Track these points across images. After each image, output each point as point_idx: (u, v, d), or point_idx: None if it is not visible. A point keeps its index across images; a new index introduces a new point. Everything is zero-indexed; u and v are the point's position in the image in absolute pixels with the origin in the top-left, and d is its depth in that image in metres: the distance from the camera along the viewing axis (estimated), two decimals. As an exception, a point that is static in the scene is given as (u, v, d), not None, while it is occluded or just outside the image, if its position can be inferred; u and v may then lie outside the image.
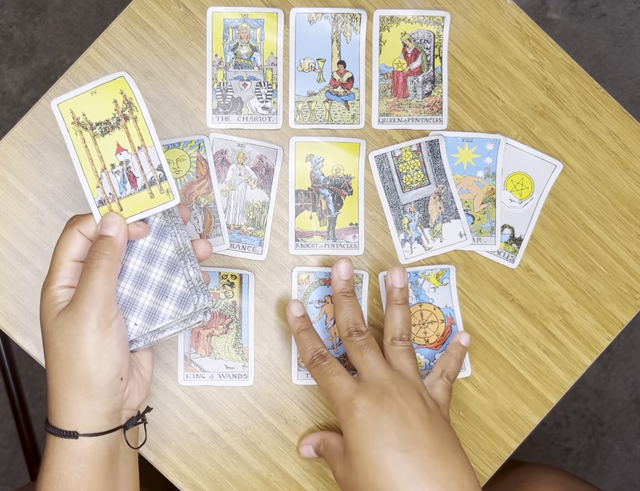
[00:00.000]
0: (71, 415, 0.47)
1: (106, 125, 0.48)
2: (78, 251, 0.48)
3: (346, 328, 0.55)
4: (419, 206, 0.61)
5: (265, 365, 0.60)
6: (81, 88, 0.48)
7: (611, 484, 1.32)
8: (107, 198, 0.48)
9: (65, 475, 0.47)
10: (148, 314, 0.49)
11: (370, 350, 0.54)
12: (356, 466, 0.50)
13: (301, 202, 0.60)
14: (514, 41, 0.61)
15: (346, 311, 0.55)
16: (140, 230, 0.49)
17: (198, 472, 0.59)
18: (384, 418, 0.50)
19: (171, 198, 0.49)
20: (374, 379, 0.52)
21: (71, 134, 0.48)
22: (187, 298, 0.49)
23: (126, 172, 0.48)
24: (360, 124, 0.60)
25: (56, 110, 0.48)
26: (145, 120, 0.48)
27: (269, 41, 0.60)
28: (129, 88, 0.48)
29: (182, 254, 0.50)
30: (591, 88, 0.61)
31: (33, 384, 1.24)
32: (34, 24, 1.26)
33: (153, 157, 0.48)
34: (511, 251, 0.61)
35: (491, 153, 0.61)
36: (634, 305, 0.61)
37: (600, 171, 0.62)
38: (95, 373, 0.46)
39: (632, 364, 1.31)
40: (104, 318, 0.46)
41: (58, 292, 0.48)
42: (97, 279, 0.46)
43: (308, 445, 0.58)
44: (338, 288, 0.56)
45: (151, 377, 0.53)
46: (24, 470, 1.24)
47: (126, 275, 0.50)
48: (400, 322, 0.56)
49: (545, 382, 0.61)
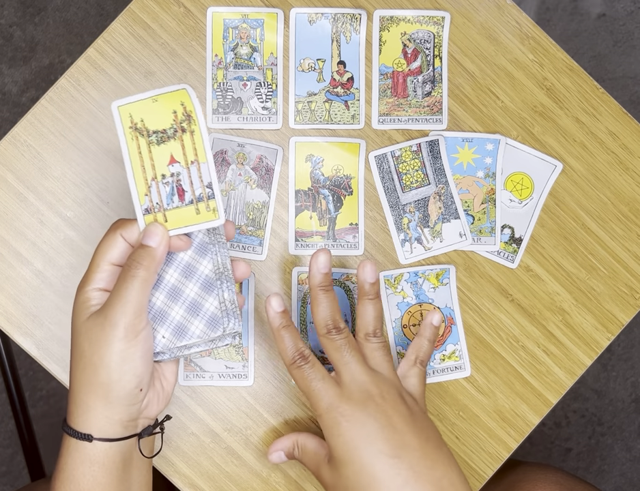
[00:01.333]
0: (87, 418, 0.47)
1: (162, 134, 0.48)
2: (118, 255, 0.48)
3: (325, 325, 0.53)
4: (419, 207, 0.61)
5: (265, 365, 0.60)
6: (143, 94, 0.47)
7: (611, 484, 1.32)
8: (153, 207, 0.48)
9: (77, 476, 0.47)
10: (177, 328, 0.49)
11: (350, 351, 0.52)
12: (346, 475, 0.49)
13: (301, 202, 0.60)
14: (514, 41, 0.61)
15: (325, 307, 0.53)
16: (181, 244, 0.49)
17: (198, 472, 0.59)
18: (371, 425, 0.49)
19: (216, 217, 0.48)
20: (356, 383, 0.51)
21: (127, 138, 0.47)
22: (218, 320, 0.49)
23: (176, 184, 0.48)
24: (360, 124, 0.61)
25: (116, 112, 0.47)
26: (202, 135, 0.48)
27: (269, 42, 0.60)
28: (190, 101, 0.47)
29: (220, 273, 0.49)
30: (591, 88, 0.61)
31: (33, 384, 1.24)
32: (34, 24, 1.26)
33: (205, 173, 0.48)
34: (511, 251, 0.61)
35: (491, 153, 0.61)
36: (634, 305, 0.61)
37: (600, 171, 0.62)
38: (116, 381, 0.46)
39: (632, 364, 1.31)
40: (132, 329, 0.46)
41: (92, 294, 0.48)
42: (131, 288, 0.46)
43: (279, 452, 0.56)
44: (315, 281, 0.53)
45: (172, 389, 0.53)
46: (24, 470, 1.24)
47: (162, 286, 0.49)
48: (373, 317, 0.54)
49: (545, 382, 0.61)
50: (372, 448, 0.49)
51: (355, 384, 0.51)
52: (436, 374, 0.61)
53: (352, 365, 0.51)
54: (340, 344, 0.52)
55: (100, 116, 0.59)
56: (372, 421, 0.49)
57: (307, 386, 0.51)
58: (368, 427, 0.49)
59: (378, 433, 0.49)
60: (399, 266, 0.61)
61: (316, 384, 0.51)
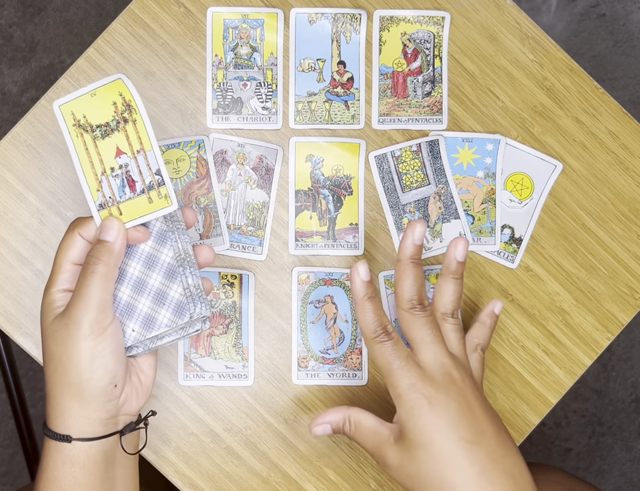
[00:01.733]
0: (65, 419, 0.47)
1: (106, 127, 0.48)
2: (78, 254, 0.48)
3: (409, 299, 0.50)
4: (419, 207, 0.61)
5: (265, 365, 0.60)
6: (81, 89, 0.48)
7: (611, 484, 1.32)
8: (107, 201, 0.48)
9: (59, 478, 0.47)
10: (145, 320, 0.49)
11: (434, 330, 0.50)
12: (420, 458, 0.48)
13: (301, 202, 0.60)
14: (514, 41, 0.61)
15: (412, 281, 0.50)
16: (139, 235, 0.48)
17: (198, 472, 0.59)
18: (454, 409, 0.48)
19: (169, 203, 0.48)
20: (438, 364, 0.49)
21: (73, 136, 0.48)
22: (184, 306, 0.48)
23: (125, 176, 0.48)
24: (360, 124, 0.61)
25: (58, 111, 0.47)
26: (144, 123, 0.48)
27: (269, 42, 0.60)
28: (128, 90, 0.47)
29: (182, 260, 0.49)
30: (591, 88, 0.61)
31: (33, 384, 1.24)
32: (34, 24, 1.26)
33: (152, 161, 0.48)
34: (511, 252, 0.61)
35: (491, 153, 0.61)
36: (634, 305, 0.61)
37: (600, 171, 0.62)
38: (87, 379, 0.46)
39: (632, 364, 1.31)
40: (98, 325, 0.46)
41: (57, 295, 0.48)
42: (91, 285, 0.46)
43: (326, 424, 0.53)
44: (408, 253, 0.51)
45: (152, 382, 0.52)
46: (24, 470, 1.24)
47: (126, 280, 0.49)
48: (456, 298, 0.53)
49: (545, 382, 0.61)
50: (453, 433, 0.47)
51: (437, 365, 0.49)
52: (436, 374, 0.61)
53: (434, 346, 0.50)
54: (424, 322, 0.50)
55: (100, 116, 0.59)
56: (455, 405, 0.48)
57: (388, 363, 0.49)
58: (450, 411, 0.48)
59: (460, 418, 0.48)
60: (399, 266, 0.61)
61: (400, 363, 0.49)
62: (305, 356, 0.60)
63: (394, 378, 0.49)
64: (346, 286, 0.60)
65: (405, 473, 0.49)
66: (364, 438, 0.51)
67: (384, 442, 0.50)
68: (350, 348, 0.60)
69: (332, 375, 0.60)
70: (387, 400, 0.60)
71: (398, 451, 0.49)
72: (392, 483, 0.60)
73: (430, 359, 0.49)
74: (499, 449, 0.48)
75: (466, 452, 0.47)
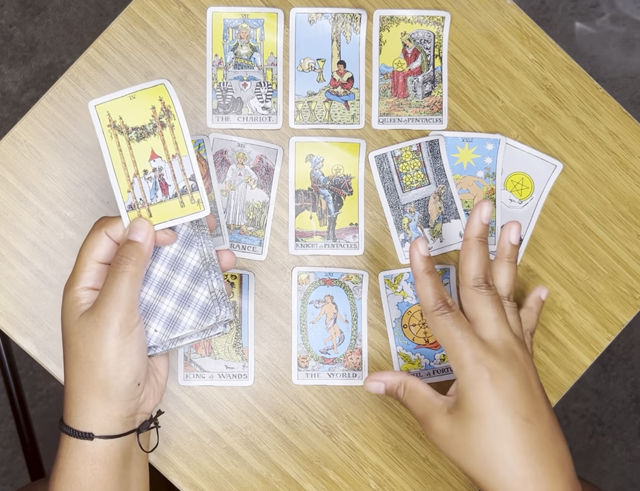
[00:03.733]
0: (87, 417, 0.47)
1: (142, 130, 0.48)
2: (104, 253, 0.48)
3: (475, 277, 0.51)
4: (419, 206, 0.61)
5: (265, 365, 0.60)
6: (120, 91, 0.48)
7: (611, 484, 1.32)
8: (137, 203, 0.48)
9: (79, 475, 0.47)
10: (169, 321, 0.49)
11: (499, 308, 0.50)
12: (473, 428, 0.48)
13: (301, 202, 0.60)
14: (514, 41, 0.61)
15: (479, 259, 0.51)
16: (167, 238, 0.49)
17: (198, 472, 0.59)
18: (515, 385, 0.48)
19: (201, 208, 0.48)
20: (501, 340, 0.50)
21: (106, 137, 0.48)
22: (210, 309, 0.49)
23: (158, 179, 0.48)
24: (360, 124, 0.61)
25: (93, 111, 0.48)
26: (182, 129, 0.48)
27: (269, 41, 0.60)
28: (169, 96, 0.48)
29: (207, 264, 0.50)
30: (591, 88, 0.61)
31: (33, 384, 1.24)
32: (34, 24, 1.26)
33: (187, 166, 0.48)
34: (511, 251, 0.61)
35: (491, 153, 0.61)
36: (634, 305, 0.61)
37: (600, 171, 0.62)
38: (114, 378, 0.46)
39: (632, 364, 1.31)
40: (127, 324, 0.46)
41: (81, 293, 0.48)
42: (122, 284, 0.46)
43: (380, 383, 0.54)
44: (475, 232, 0.52)
45: (165, 382, 0.53)
46: (24, 470, 1.24)
47: (149, 281, 0.50)
48: (511, 281, 0.53)
49: (545, 382, 0.61)
50: (511, 408, 0.48)
51: (500, 341, 0.49)
52: (436, 374, 0.61)
53: (499, 323, 0.50)
54: (489, 300, 0.50)
55: (100, 116, 0.59)
56: (516, 381, 0.48)
57: (451, 334, 0.49)
58: (511, 387, 0.48)
59: (519, 394, 0.48)
60: (399, 266, 0.61)
61: (462, 333, 0.49)
62: (305, 357, 0.60)
63: (457, 349, 0.49)
64: (346, 286, 0.60)
65: (454, 443, 0.49)
66: (415, 404, 0.52)
67: (437, 410, 0.50)
68: (350, 348, 0.60)
69: (332, 375, 0.60)
70: (387, 400, 0.60)
71: (450, 420, 0.49)
72: (392, 483, 0.60)
73: (494, 335, 0.50)
74: (551, 433, 0.48)
75: (520, 429, 0.47)
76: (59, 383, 1.20)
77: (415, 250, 0.52)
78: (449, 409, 0.50)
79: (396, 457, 0.60)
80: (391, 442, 0.60)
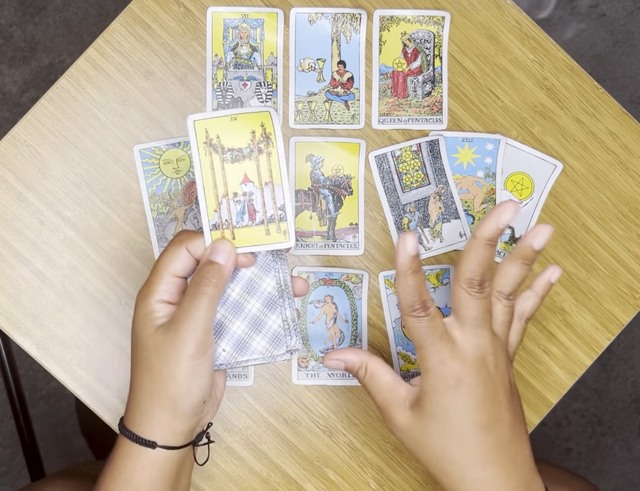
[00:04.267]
0: (152, 427, 0.48)
1: (238, 153, 0.48)
2: (182, 268, 0.48)
3: (470, 278, 0.49)
4: (419, 206, 0.61)
5: (265, 365, 0.60)
6: (222, 111, 0.47)
7: (611, 484, 1.32)
8: (222, 223, 0.48)
9: (137, 479, 0.48)
10: (238, 343, 0.49)
11: (484, 314, 0.49)
12: (431, 429, 0.48)
13: (301, 202, 0.60)
14: (514, 41, 0.61)
15: (482, 261, 0.48)
16: (246, 261, 0.49)
17: (198, 472, 0.59)
18: (478, 394, 0.48)
19: (287, 239, 0.48)
20: (476, 346, 0.48)
21: (201, 153, 0.47)
22: (281, 338, 0.49)
23: (247, 203, 0.48)
24: (360, 124, 0.61)
25: (191, 126, 0.47)
26: (279, 158, 0.48)
27: (269, 41, 0.60)
28: (272, 124, 0.47)
29: (282, 291, 0.49)
30: (591, 88, 0.61)
31: (33, 384, 1.24)
32: (34, 24, 1.26)
33: (279, 195, 0.48)
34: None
35: (491, 153, 0.61)
36: (634, 305, 0.61)
37: (600, 171, 0.62)
38: (184, 396, 0.47)
39: (632, 364, 1.31)
40: (202, 346, 0.46)
41: (157, 306, 0.47)
42: (201, 305, 0.46)
43: (340, 361, 0.52)
44: (487, 234, 0.49)
45: (222, 395, 0.53)
46: (24, 470, 1.24)
47: (222, 299, 0.49)
48: (518, 282, 0.50)
49: (545, 382, 0.61)
50: (470, 416, 0.48)
51: (473, 347, 0.49)
52: (436, 374, 0.61)
53: (479, 330, 0.49)
54: (477, 304, 0.48)
55: (100, 116, 0.59)
56: (480, 390, 0.48)
57: (421, 338, 0.49)
58: (473, 395, 0.48)
59: (481, 403, 0.48)
60: (399, 266, 0.61)
61: (433, 340, 0.48)
62: (305, 357, 0.60)
63: (425, 353, 0.49)
64: (346, 286, 0.60)
65: (413, 438, 0.49)
66: (376, 390, 0.51)
67: (398, 403, 0.50)
68: (350, 348, 0.60)
69: (332, 375, 0.60)
70: (387, 400, 0.60)
71: (410, 416, 0.49)
72: (392, 483, 0.60)
73: (468, 340, 0.49)
74: (509, 434, 0.49)
75: (476, 435, 0.48)
76: (59, 383, 1.20)
77: (402, 247, 0.48)
78: (411, 404, 0.49)
79: (396, 457, 0.60)
80: (391, 442, 0.60)
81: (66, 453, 1.24)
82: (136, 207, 0.59)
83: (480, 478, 0.48)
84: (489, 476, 0.48)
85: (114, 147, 0.59)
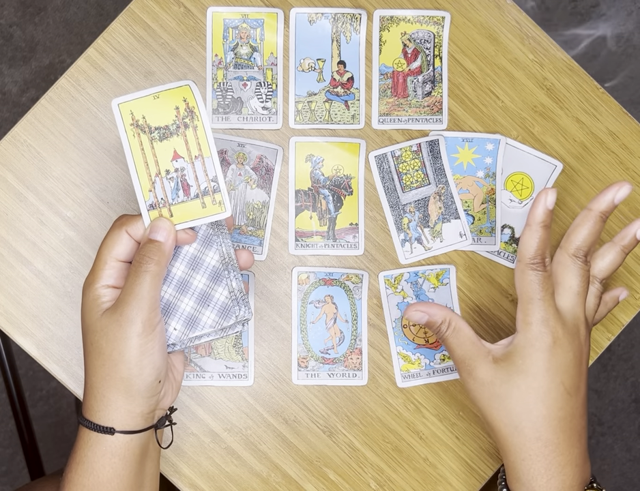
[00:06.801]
0: (109, 412, 0.48)
1: (165, 130, 0.48)
2: (124, 251, 0.48)
3: (578, 247, 0.51)
4: (419, 206, 0.61)
5: (265, 365, 0.60)
6: (144, 91, 0.48)
7: (611, 484, 1.32)
8: (158, 202, 0.48)
9: (98, 469, 0.48)
10: (188, 320, 0.50)
11: (585, 284, 0.51)
12: (518, 384, 0.50)
13: (301, 202, 0.60)
14: (514, 41, 0.61)
15: (590, 233, 0.51)
16: (187, 237, 0.49)
17: (198, 472, 0.59)
18: (570, 357, 0.50)
19: (223, 210, 0.49)
20: (573, 314, 0.51)
21: (129, 135, 0.48)
22: (229, 309, 0.50)
23: (180, 179, 0.48)
24: (360, 124, 0.61)
25: (117, 109, 0.48)
26: (205, 130, 0.48)
27: (269, 41, 0.60)
28: (193, 97, 0.48)
29: (226, 263, 0.50)
30: (591, 88, 0.61)
31: (33, 384, 1.24)
32: (34, 24, 1.26)
33: (209, 167, 0.48)
34: (511, 251, 0.61)
35: (491, 153, 0.61)
36: (634, 305, 0.61)
37: (600, 171, 0.61)
38: (136, 375, 0.47)
39: (632, 364, 1.31)
40: (149, 323, 0.47)
41: (102, 291, 0.48)
42: (144, 283, 0.47)
43: (424, 314, 0.54)
44: (602, 207, 0.51)
45: (182, 378, 0.54)
46: (24, 470, 1.24)
47: (169, 279, 0.50)
48: (614, 268, 0.54)
49: (545, 382, 0.61)
50: (559, 377, 0.49)
51: (572, 315, 0.51)
52: (436, 374, 0.61)
53: (578, 298, 0.51)
54: (582, 273, 0.51)
55: (100, 116, 0.59)
56: (572, 355, 0.50)
57: (532, 291, 0.50)
58: (567, 357, 0.50)
59: (570, 367, 0.50)
60: (399, 266, 0.61)
61: (543, 295, 0.50)
62: (305, 357, 0.60)
63: (532, 307, 0.50)
64: (346, 286, 0.60)
65: (490, 392, 0.50)
66: (458, 344, 0.52)
67: (481, 356, 0.51)
68: (350, 348, 0.60)
69: (332, 375, 0.60)
70: (387, 400, 0.60)
71: (494, 369, 0.50)
72: (392, 483, 0.60)
73: (568, 307, 0.51)
74: (581, 407, 0.51)
75: (561, 398, 0.49)
76: (58, 383, 1.20)
77: (543, 199, 0.50)
78: (494, 358, 0.51)
79: (396, 457, 0.60)
80: (391, 442, 0.60)
81: (66, 453, 1.24)
82: (136, 207, 0.59)
83: (551, 441, 0.49)
84: (560, 441, 0.49)
85: (114, 147, 0.59)
